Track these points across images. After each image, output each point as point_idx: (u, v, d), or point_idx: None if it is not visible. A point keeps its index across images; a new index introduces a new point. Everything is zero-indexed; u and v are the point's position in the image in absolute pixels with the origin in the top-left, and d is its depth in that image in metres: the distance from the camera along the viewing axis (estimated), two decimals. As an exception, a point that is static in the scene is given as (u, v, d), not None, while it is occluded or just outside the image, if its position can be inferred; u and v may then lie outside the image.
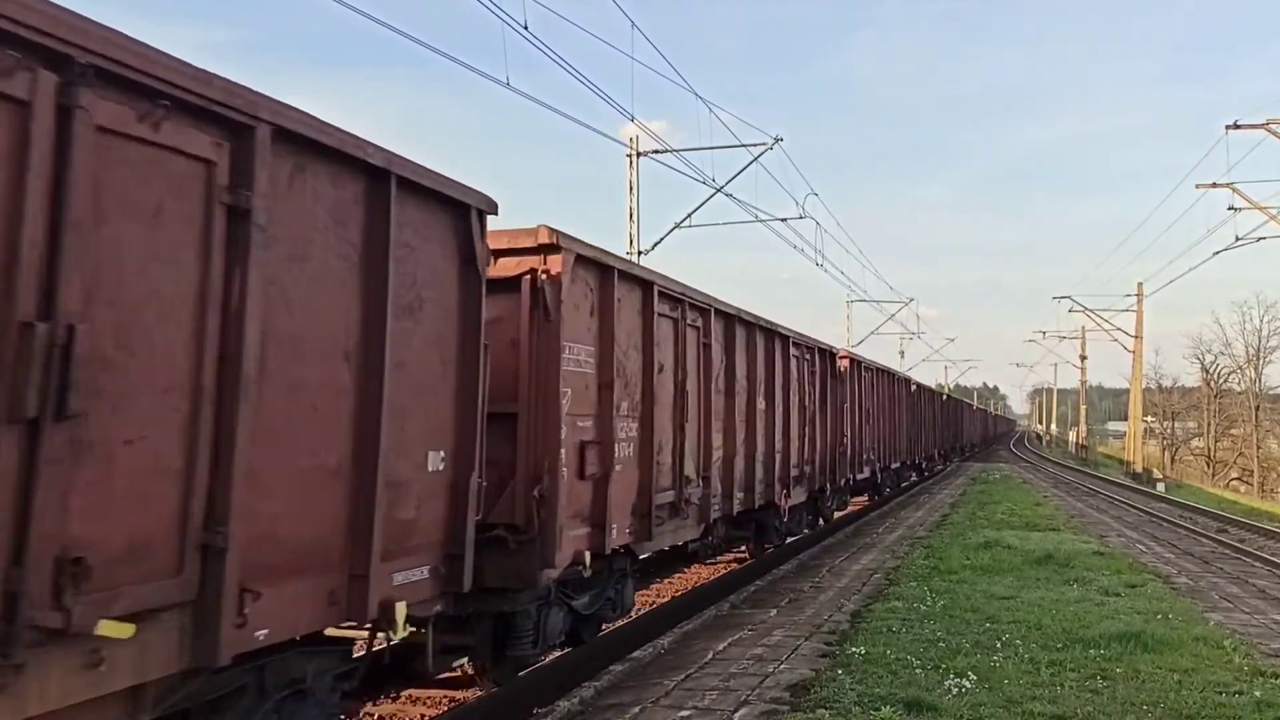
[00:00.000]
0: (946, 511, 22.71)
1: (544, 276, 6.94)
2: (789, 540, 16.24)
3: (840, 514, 21.25)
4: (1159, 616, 9.97)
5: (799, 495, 15.07)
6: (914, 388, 32.23)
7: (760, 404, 12.62)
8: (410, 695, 7.88)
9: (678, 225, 24.73)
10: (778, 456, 13.51)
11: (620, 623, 9.64)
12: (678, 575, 14.07)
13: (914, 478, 34.31)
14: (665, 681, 7.32)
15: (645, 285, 8.72)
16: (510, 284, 6.95)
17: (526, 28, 12.48)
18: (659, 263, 50.62)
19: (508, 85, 13.11)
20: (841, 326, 52.96)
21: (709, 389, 10.42)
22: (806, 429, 15.40)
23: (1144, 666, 7.88)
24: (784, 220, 27.60)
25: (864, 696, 6.78)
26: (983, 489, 31.02)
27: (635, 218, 23.69)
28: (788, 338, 14.12)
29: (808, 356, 15.64)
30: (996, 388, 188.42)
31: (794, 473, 14.45)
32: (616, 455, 8.00)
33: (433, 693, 7.88)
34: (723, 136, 30.66)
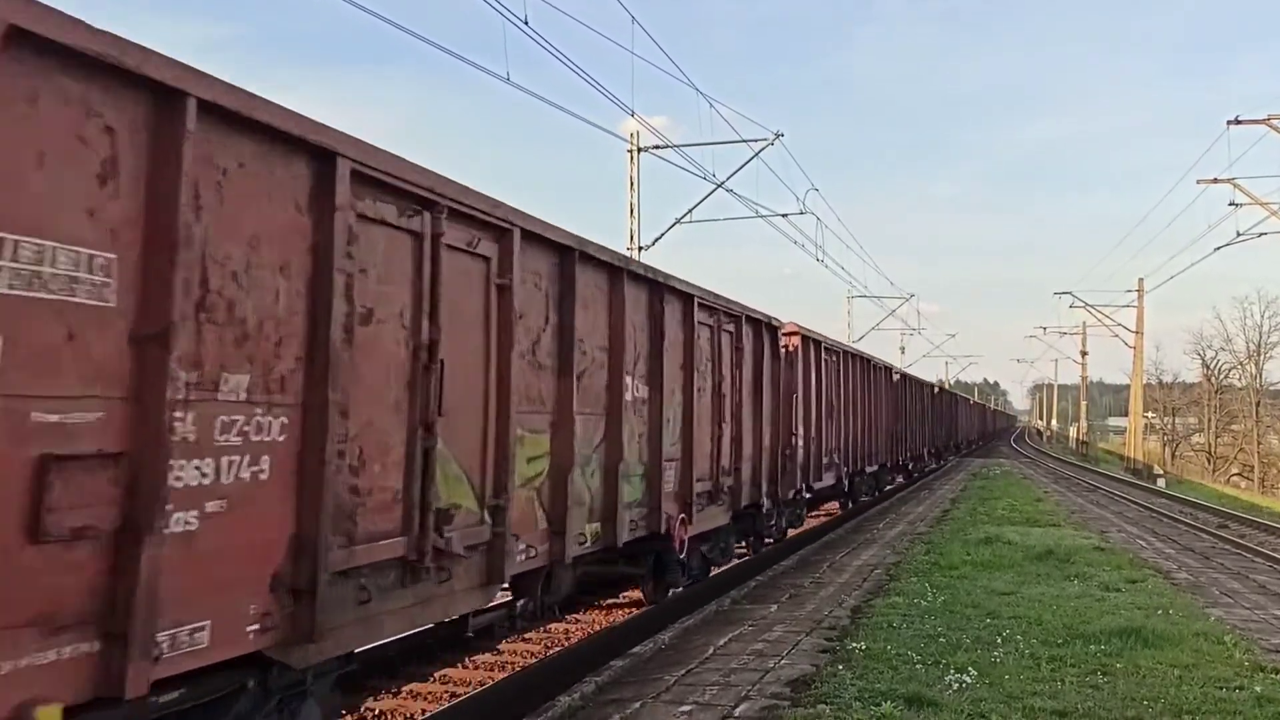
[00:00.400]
0: (947, 507, 22.35)
1: None
2: (713, 573, 12.17)
3: (796, 531, 16.99)
4: (1159, 612, 9.86)
5: (714, 518, 10.82)
6: (897, 377, 28.17)
7: (633, 390, 8.40)
8: (412, 690, 7.48)
9: (678, 221, 24.46)
10: (670, 466, 9.28)
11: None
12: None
13: (899, 480, 30.67)
14: (666, 677, 7.22)
15: (315, 155, 4.55)
16: None
17: (526, 22, 12.44)
18: (660, 259, 48.57)
19: (508, 81, 13.04)
20: (843, 322, 52.27)
21: (508, 360, 6.26)
22: (728, 426, 11.12)
23: (1145, 662, 7.79)
24: (785, 216, 26.91)
25: (864, 692, 6.66)
26: (983, 485, 30.61)
27: (636, 213, 23.61)
28: (691, 296, 9.81)
29: (729, 328, 11.24)
30: (997, 383, 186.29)
31: (702, 488, 10.22)
32: (198, 479, 3.90)
33: (435, 688, 7.50)
34: (724, 132, 30.63)
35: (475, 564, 6.01)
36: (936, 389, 43.04)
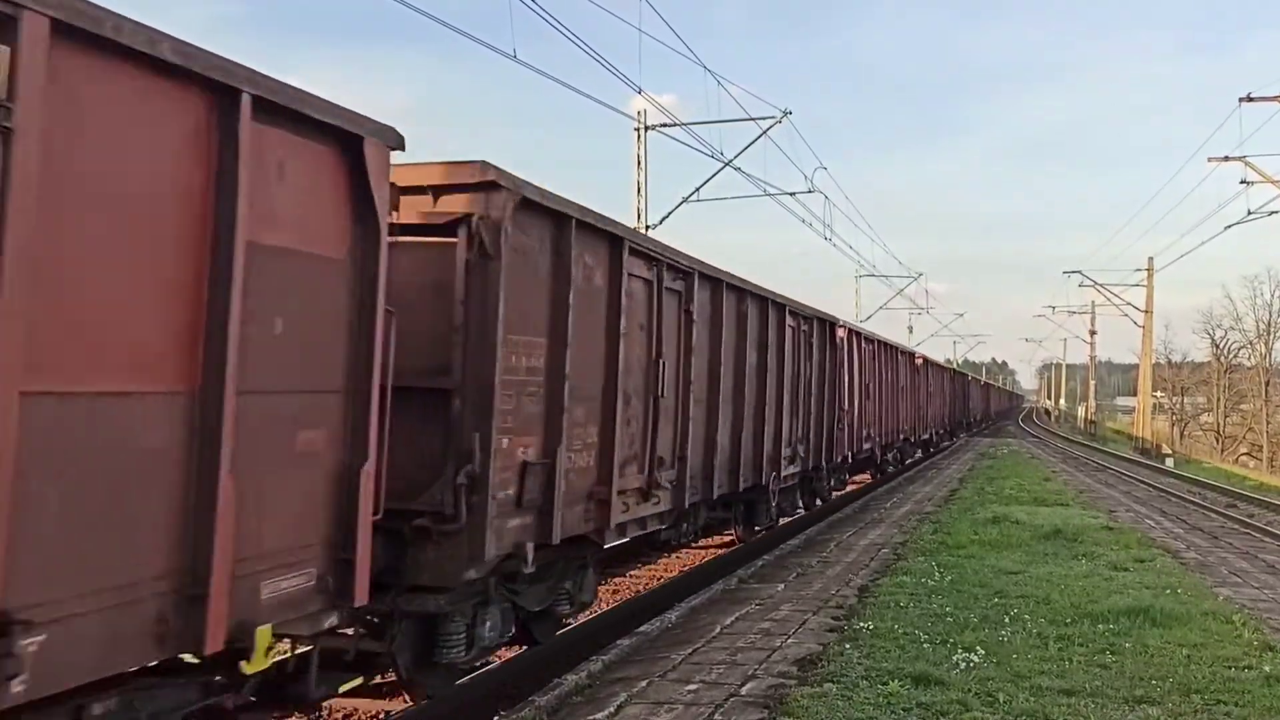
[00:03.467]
0: (955, 486, 22.40)
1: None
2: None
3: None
4: (1168, 591, 9.89)
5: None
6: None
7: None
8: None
9: (685, 199, 24.46)
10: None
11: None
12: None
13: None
14: (673, 655, 7.31)
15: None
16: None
17: (534, -1, 12.58)
18: (666, 237, 49.68)
19: (514, 58, 13.10)
20: (851, 302, 51.75)
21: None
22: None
23: (1153, 641, 7.82)
24: (793, 194, 26.87)
25: (871, 671, 6.72)
26: (991, 464, 30.61)
27: (643, 192, 23.65)
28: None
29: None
30: (1005, 363, 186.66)
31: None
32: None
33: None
34: (731, 110, 30.25)
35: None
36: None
